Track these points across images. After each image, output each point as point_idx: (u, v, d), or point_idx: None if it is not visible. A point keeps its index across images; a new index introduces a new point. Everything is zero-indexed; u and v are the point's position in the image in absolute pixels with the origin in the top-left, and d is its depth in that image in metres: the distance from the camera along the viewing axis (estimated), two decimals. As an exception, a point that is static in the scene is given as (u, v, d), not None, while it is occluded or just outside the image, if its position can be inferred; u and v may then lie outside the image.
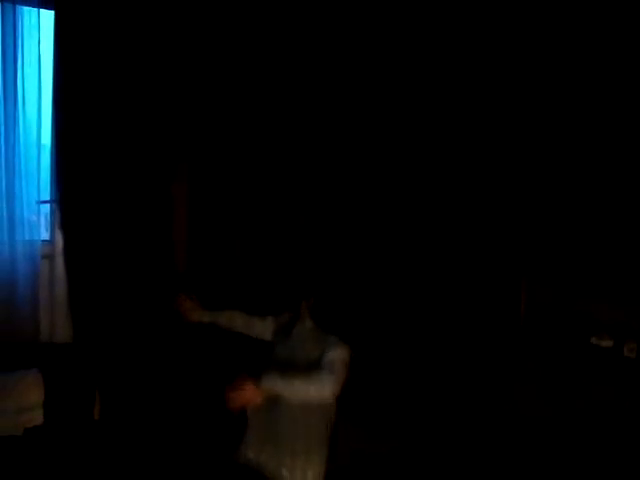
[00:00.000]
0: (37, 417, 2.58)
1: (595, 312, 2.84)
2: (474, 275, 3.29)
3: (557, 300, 2.98)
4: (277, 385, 1.97)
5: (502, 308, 3.15)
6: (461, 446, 3.13)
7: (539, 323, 3.04)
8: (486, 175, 3.28)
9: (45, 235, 3.03)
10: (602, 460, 2.65)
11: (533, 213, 3.16)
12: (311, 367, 2.07)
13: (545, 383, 2.90)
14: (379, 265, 3.33)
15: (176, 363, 2.90)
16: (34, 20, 2.87)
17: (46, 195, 2.98)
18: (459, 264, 3.32)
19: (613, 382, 2.67)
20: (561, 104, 3.04)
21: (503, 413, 3.06)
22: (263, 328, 2.38)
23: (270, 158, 3.18)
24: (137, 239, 2.94)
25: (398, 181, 3.36)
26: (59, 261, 2.96)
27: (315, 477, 2.20)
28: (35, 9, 2.86)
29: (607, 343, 2.77)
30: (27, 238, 2.91)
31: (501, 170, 3.25)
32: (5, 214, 2.84)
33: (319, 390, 1.99)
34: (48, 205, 2.98)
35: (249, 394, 1.94)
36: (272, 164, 3.19)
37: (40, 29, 2.89)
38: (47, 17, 2.91)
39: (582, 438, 2.74)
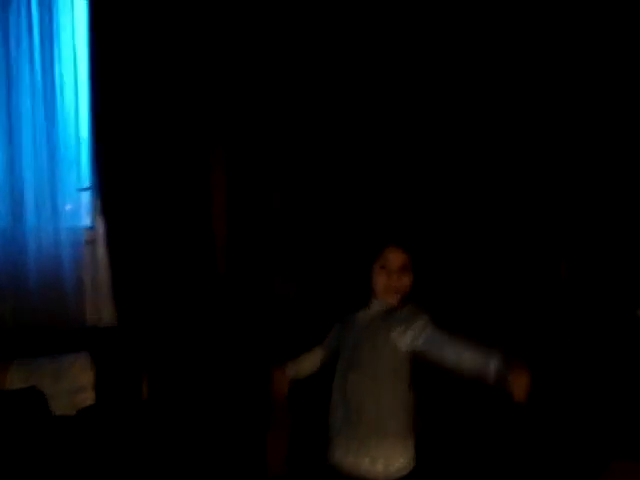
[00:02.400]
0: (89, 398, 2.68)
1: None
2: (515, 238, 3.18)
3: (601, 269, 2.92)
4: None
5: (543, 275, 3.07)
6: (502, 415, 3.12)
7: (582, 293, 2.98)
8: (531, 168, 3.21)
9: (87, 221, 3.10)
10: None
11: (579, 183, 3.08)
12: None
13: (588, 356, 2.87)
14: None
15: (220, 344, 2.95)
16: (68, 11, 2.93)
17: (86, 183, 3.04)
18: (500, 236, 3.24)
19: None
20: (600, 94, 2.97)
21: (543, 388, 3.03)
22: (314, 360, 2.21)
23: (307, 142, 3.09)
24: (176, 222, 2.98)
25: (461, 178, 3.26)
26: (101, 247, 3.03)
27: (410, 462, 1.95)
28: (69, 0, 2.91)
29: (653, 315, 2.73)
30: (70, 225, 2.98)
31: (546, 163, 3.18)
32: (49, 202, 2.92)
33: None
34: (89, 192, 3.05)
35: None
36: (310, 148, 3.09)
37: (75, 20, 2.94)
38: (80, 7, 2.95)
39: (627, 411, 2.71)
